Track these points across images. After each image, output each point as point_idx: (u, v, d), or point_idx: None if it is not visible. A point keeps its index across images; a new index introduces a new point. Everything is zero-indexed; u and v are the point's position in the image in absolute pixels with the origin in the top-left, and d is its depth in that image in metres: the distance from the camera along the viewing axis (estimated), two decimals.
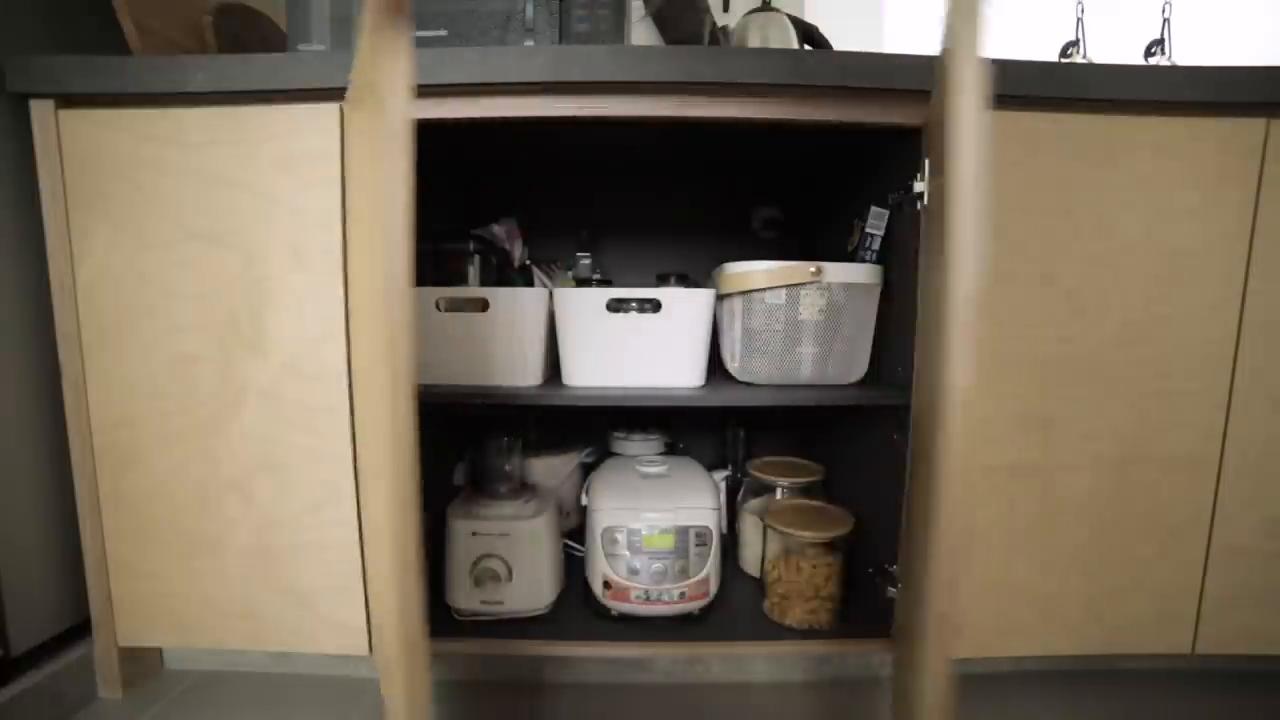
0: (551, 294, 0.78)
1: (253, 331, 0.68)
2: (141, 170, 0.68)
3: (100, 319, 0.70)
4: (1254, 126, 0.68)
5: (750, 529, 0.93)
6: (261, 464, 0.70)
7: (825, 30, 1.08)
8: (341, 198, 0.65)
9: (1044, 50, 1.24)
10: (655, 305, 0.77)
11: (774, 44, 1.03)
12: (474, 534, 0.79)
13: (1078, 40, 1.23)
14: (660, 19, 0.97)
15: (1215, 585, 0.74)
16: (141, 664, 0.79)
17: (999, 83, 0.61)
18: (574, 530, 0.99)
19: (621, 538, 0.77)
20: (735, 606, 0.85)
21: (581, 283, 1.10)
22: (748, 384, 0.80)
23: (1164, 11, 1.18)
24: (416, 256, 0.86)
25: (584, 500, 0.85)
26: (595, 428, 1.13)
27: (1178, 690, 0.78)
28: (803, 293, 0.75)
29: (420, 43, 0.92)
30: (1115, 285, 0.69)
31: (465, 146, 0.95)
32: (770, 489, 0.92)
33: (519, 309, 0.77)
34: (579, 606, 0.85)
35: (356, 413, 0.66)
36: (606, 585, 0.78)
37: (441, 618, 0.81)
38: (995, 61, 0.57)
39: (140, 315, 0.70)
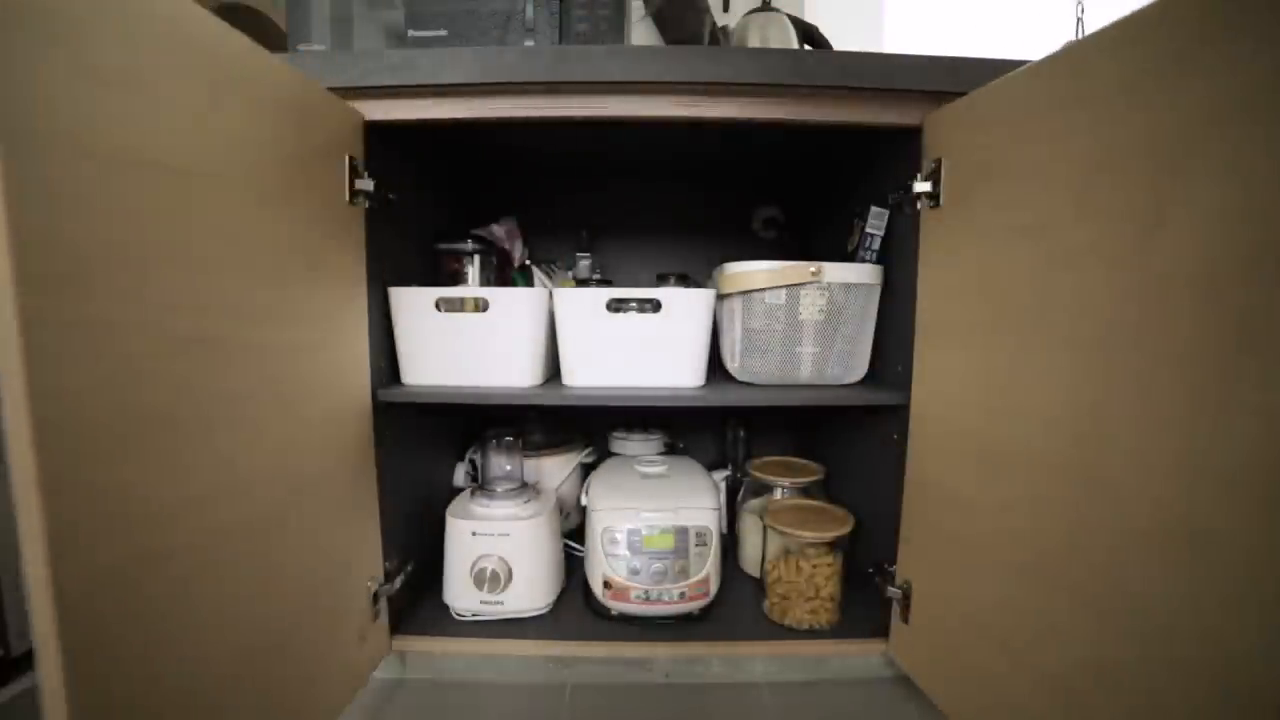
0: (551, 294, 0.78)
1: None
2: None
3: None
4: None
5: (750, 529, 0.93)
6: None
7: (825, 30, 1.08)
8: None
9: (1043, 50, 1.24)
10: (655, 305, 0.77)
11: (774, 44, 1.03)
12: (474, 534, 0.79)
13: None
14: (660, 19, 0.97)
15: None
16: None
17: None
18: (574, 530, 0.99)
19: (621, 538, 0.77)
20: (735, 606, 0.85)
21: (581, 283, 1.10)
22: (748, 384, 0.80)
23: None
24: (416, 256, 0.87)
25: (584, 500, 0.85)
26: (595, 428, 1.13)
27: None
28: (803, 293, 0.75)
29: (420, 43, 0.92)
30: None
31: (465, 146, 0.95)
32: (770, 489, 0.92)
33: (519, 309, 0.77)
34: (579, 606, 0.85)
35: None
36: (606, 585, 0.78)
37: (441, 618, 0.82)
38: None
39: None
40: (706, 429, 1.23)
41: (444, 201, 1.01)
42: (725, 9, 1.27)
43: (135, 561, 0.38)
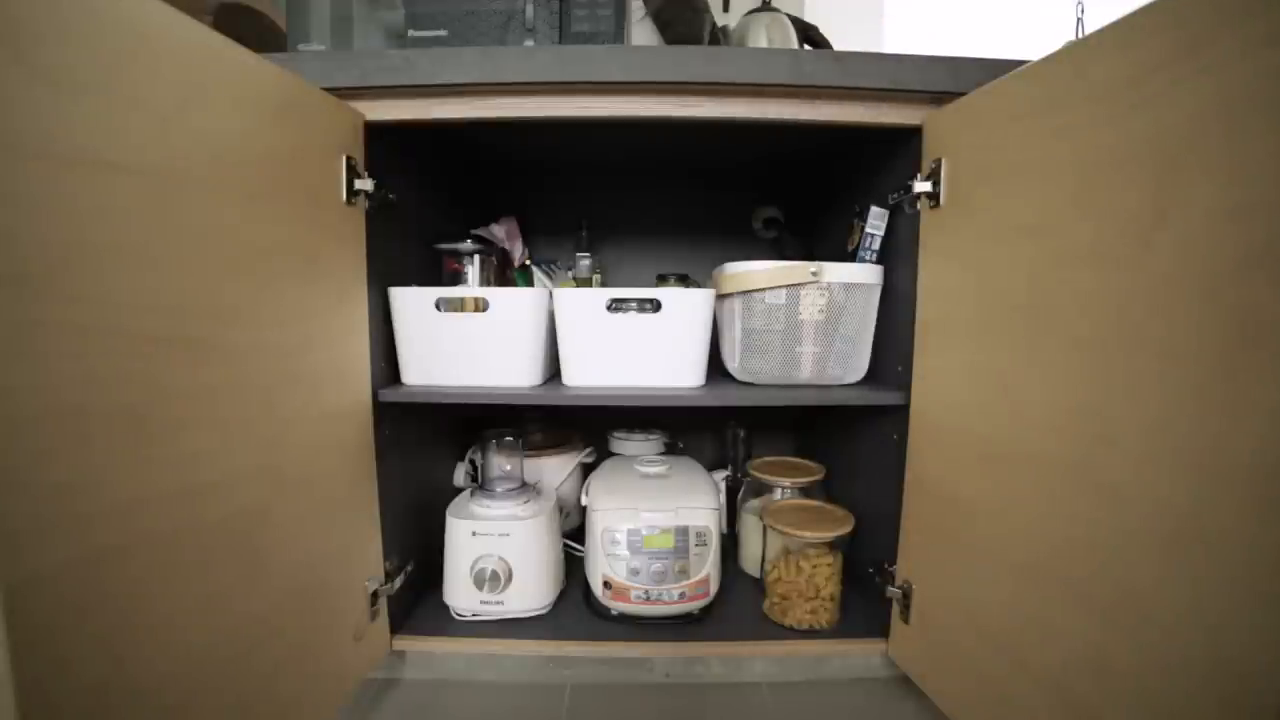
0: (551, 294, 0.78)
1: None
2: None
3: None
4: None
5: (750, 529, 0.93)
6: None
7: (825, 30, 1.08)
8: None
9: (1043, 50, 1.23)
10: (655, 305, 0.77)
11: (774, 44, 1.03)
12: (474, 534, 0.79)
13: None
14: (660, 19, 0.97)
15: None
16: None
17: None
18: (574, 530, 0.99)
19: (621, 538, 0.77)
20: (735, 606, 0.85)
21: (581, 283, 1.10)
22: (748, 384, 0.80)
23: None
24: (417, 256, 0.87)
25: (584, 500, 0.85)
26: (595, 428, 1.13)
27: None
28: (803, 293, 0.75)
29: (420, 43, 0.92)
30: None
31: (466, 146, 0.95)
32: (770, 489, 0.92)
33: (519, 309, 0.77)
34: (579, 606, 0.85)
35: None
36: (606, 585, 0.78)
37: (441, 618, 0.82)
38: None
39: None
40: (706, 429, 1.23)
41: (444, 201, 1.01)
42: (725, 9, 1.27)
43: (91, 559, 0.38)
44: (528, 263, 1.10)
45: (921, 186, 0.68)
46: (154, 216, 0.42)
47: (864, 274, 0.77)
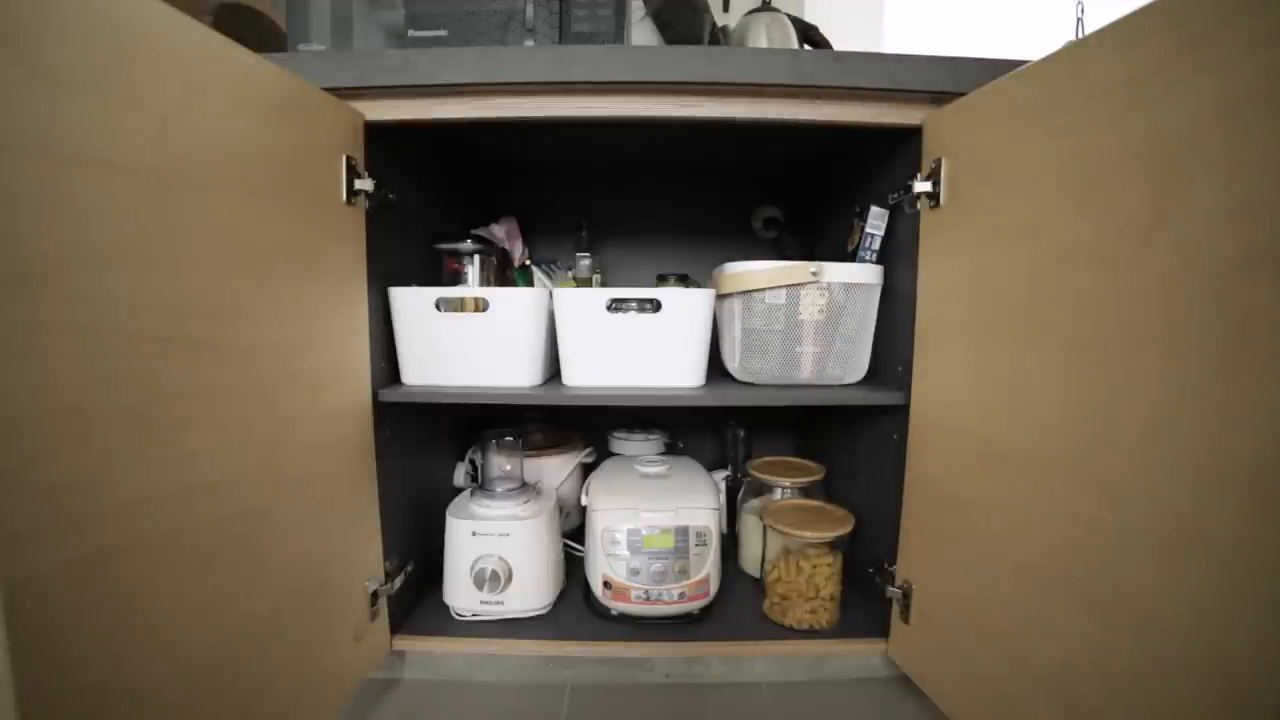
0: (551, 294, 0.78)
1: None
2: None
3: None
4: None
5: (750, 529, 0.93)
6: None
7: (825, 30, 1.08)
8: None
9: (1043, 50, 1.23)
10: (655, 305, 0.77)
11: (774, 44, 1.03)
12: (474, 534, 0.79)
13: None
14: (660, 19, 0.97)
15: None
16: None
17: None
18: (574, 530, 0.99)
19: (621, 538, 0.77)
20: (735, 606, 0.85)
21: (581, 283, 1.10)
22: (748, 384, 0.80)
23: None
24: (417, 256, 0.87)
25: (584, 500, 0.85)
26: (595, 428, 1.13)
27: None
28: (803, 293, 0.75)
29: (420, 43, 0.92)
30: None
31: (466, 146, 0.95)
32: (770, 489, 0.92)
33: (519, 309, 0.77)
34: (579, 606, 0.85)
35: None
36: (606, 585, 0.78)
37: (441, 618, 0.82)
38: None
39: None
40: (706, 429, 1.23)
41: (444, 201, 1.01)
42: (725, 9, 1.27)
43: (90, 559, 0.37)
44: (528, 263, 1.10)
45: (921, 186, 0.68)
46: (153, 216, 0.42)
47: (864, 274, 0.77)
